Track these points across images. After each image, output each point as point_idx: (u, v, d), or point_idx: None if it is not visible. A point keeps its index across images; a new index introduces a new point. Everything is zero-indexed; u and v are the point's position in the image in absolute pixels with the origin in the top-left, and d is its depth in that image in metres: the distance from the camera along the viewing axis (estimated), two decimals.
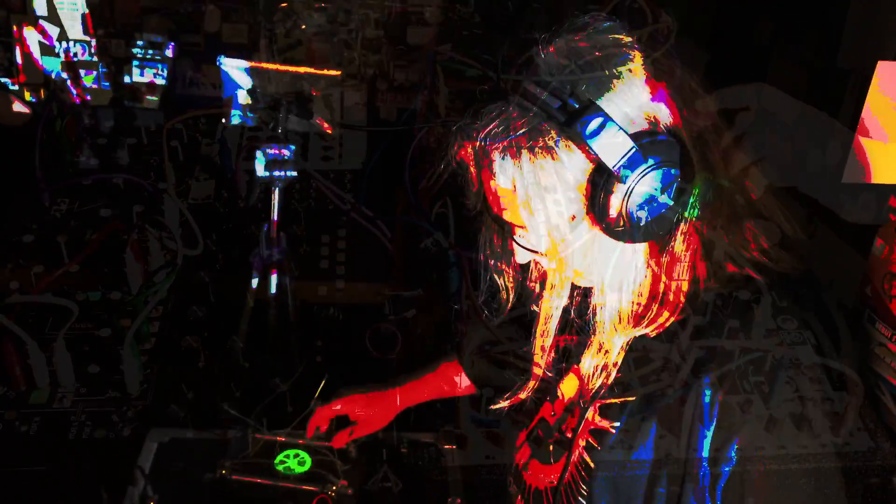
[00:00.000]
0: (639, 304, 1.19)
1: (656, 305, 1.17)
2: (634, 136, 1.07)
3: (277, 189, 1.77)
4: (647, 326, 1.19)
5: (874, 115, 1.44)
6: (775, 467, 1.15)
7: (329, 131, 1.77)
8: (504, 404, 1.42)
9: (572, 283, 1.29)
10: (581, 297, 1.31)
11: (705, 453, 1.14)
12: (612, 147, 1.07)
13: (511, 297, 1.32)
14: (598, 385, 1.26)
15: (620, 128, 1.06)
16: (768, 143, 1.62)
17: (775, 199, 1.21)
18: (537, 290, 1.34)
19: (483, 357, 1.65)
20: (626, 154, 1.06)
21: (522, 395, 1.40)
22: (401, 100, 2.43)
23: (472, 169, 1.19)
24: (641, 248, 1.16)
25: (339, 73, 1.72)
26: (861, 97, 1.44)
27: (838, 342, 1.19)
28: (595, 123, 1.06)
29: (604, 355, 1.24)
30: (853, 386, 1.19)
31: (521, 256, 1.23)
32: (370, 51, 2.41)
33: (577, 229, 1.13)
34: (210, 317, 2.03)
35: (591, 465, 1.31)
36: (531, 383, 1.38)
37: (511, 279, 1.31)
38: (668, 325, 1.18)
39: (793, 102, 1.74)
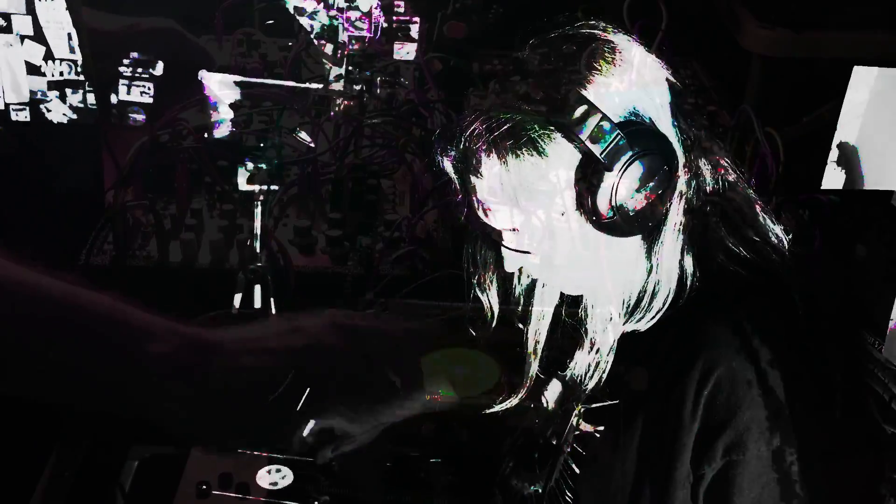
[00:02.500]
0: (630, 298, 1.18)
1: (647, 299, 1.17)
2: (619, 126, 1.08)
3: (260, 203, 1.77)
4: (637, 322, 1.18)
5: (851, 120, 1.46)
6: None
7: (312, 144, 1.77)
8: (497, 409, 1.41)
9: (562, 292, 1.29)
10: (572, 297, 1.30)
11: (689, 453, 1.12)
12: (599, 135, 1.07)
13: (495, 314, 1.30)
14: (589, 386, 1.25)
15: (605, 115, 1.07)
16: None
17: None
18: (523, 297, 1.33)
19: None
20: (612, 141, 1.07)
21: (515, 400, 1.38)
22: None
23: (454, 176, 1.19)
24: (631, 243, 1.16)
25: (321, 86, 1.74)
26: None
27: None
28: (580, 111, 1.07)
29: (595, 353, 1.23)
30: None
31: (510, 264, 1.22)
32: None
33: (567, 226, 1.13)
34: None
35: (577, 471, 1.29)
36: (524, 386, 1.36)
37: (495, 296, 1.29)
38: (657, 318, 1.17)
39: None
